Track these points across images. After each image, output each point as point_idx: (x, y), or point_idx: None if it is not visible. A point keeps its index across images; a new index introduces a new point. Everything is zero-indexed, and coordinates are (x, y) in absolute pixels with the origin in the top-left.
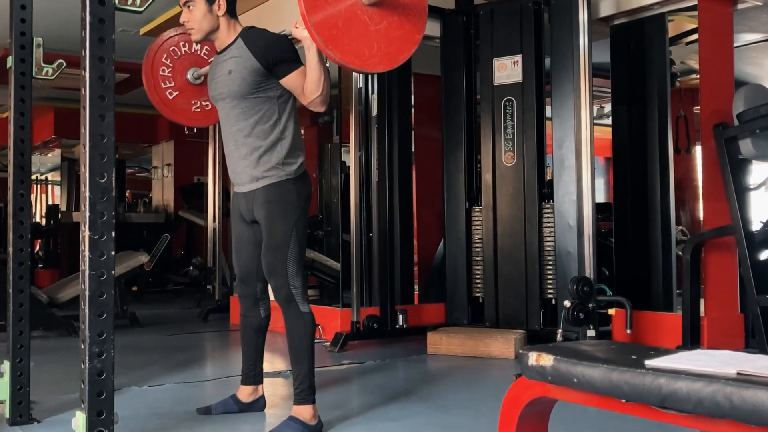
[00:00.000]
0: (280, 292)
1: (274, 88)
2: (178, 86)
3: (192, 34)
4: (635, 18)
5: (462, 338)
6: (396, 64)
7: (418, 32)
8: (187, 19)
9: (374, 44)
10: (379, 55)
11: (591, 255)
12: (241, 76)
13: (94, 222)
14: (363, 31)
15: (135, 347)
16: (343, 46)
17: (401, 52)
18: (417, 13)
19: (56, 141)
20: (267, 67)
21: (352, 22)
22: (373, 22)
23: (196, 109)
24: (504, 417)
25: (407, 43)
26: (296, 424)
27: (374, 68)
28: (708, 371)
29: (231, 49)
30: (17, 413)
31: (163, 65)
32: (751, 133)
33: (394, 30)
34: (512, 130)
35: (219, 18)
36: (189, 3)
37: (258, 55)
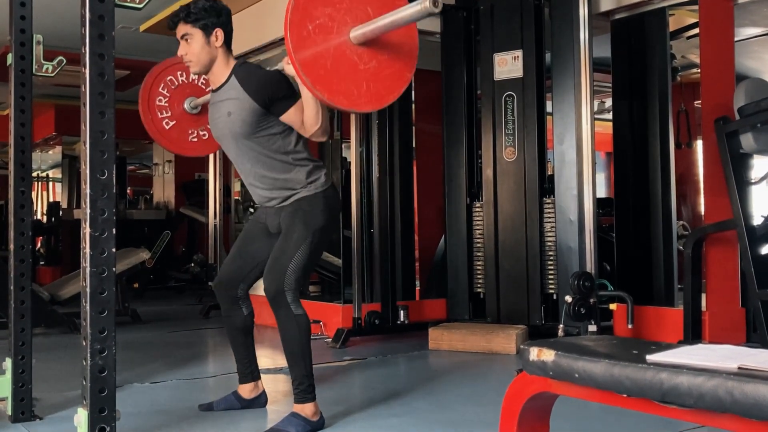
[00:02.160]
0: (269, 289)
1: (276, 125)
2: (175, 116)
3: (191, 67)
4: (636, 12)
5: (463, 334)
6: (386, 103)
7: (409, 71)
8: (185, 51)
9: (363, 84)
10: (368, 94)
11: (592, 250)
12: (241, 118)
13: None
14: (352, 70)
15: (136, 344)
16: (332, 86)
17: (391, 91)
18: (407, 52)
19: (57, 138)
20: (264, 106)
21: (341, 62)
22: (363, 62)
23: (193, 138)
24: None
25: (397, 81)
26: (298, 420)
27: (363, 108)
28: (709, 366)
29: (226, 88)
30: (19, 410)
31: (160, 95)
32: (752, 127)
33: (384, 69)
34: (513, 125)
35: (217, 50)
36: (186, 36)
37: (254, 96)
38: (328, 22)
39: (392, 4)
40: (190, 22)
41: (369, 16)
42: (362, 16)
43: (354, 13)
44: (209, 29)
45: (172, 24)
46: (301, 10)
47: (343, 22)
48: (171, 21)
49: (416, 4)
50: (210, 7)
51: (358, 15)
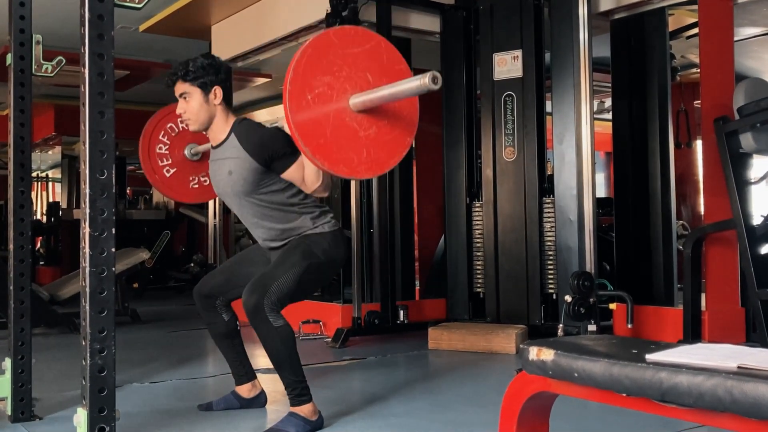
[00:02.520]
0: (248, 302)
1: (278, 181)
2: (175, 163)
3: (189, 125)
4: (635, 12)
5: (463, 333)
6: (386, 169)
7: (409, 135)
8: (183, 110)
9: (364, 150)
10: (368, 161)
11: (592, 250)
12: (243, 177)
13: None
14: (352, 138)
15: (136, 344)
16: (331, 155)
17: (392, 157)
18: (408, 117)
19: (56, 138)
20: (265, 164)
21: (341, 130)
22: (363, 129)
23: (194, 185)
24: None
25: (398, 146)
26: (297, 419)
27: (363, 175)
28: (709, 365)
29: (227, 146)
30: (19, 410)
31: (160, 143)
32: (752, 126)
33: (384, 135)
34: (512, 125)
35: (216, 107)
36: (185, 94)
37: (254, 155)
38: (327, 90)
39: (392, 71)
40: (188, 80)
41: (369, 83)
42: (362, 83)
43: (354, 80)
44: (208, 87)
45: (171, 82)
46: (300, 80)
47: (343, 90)
48: (169, 79)
49: (415, 80)
50: (209, 65)
51: (357, 82)
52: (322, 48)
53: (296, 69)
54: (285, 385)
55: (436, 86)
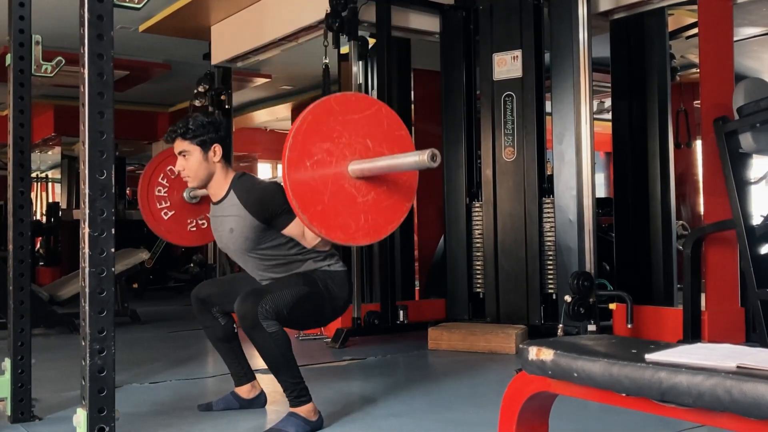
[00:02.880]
0: (240, 310)
1: (279, 237)
2: (173, 206)
3: (188, 183)
4: (635, 12)
5: (463, 333)
6: (384, 235)
7: (408, 201)
8: (183, 167)
9: (361, 216)
10: (366, 227)
11: (591, 250)
12: (244, 235)
13: (93, 219)
14: (350, 204)
15: (136, 344)
16: (329, 221)
17: (389, 223)
18: (406, 183)
19: (56, 138)
20: (265, 222)
21: (339, 196)
22: (361, 194)
23: (192, 228)
24: (505, 411)
25: (396, 213)
26: (297, 419)
27: (360, 242)
28: (708, 365)
29: (227, 203)
30: (19, 411)
31: (159, 185)
32: (752, 126)
33: (382, 200)
34: (512, 125)
35: (215, 164)
36: (184, 152)
37: (254, 213)
38: (327, 157)
39: (392, 137)
40: (188, 138)
41: (369, 149)
42: (362, 149)
43: (353, 146)
44: (207, 145)
45: (170, 139)
46: (299, 147)
47: (342, 156)
48: (169, 137)
49: (414, 156)
50: (208, 123)
51: (357, 148)
52: (323, 115)
53: (296, 136)
54: (283, 388)
55: (434, 164)
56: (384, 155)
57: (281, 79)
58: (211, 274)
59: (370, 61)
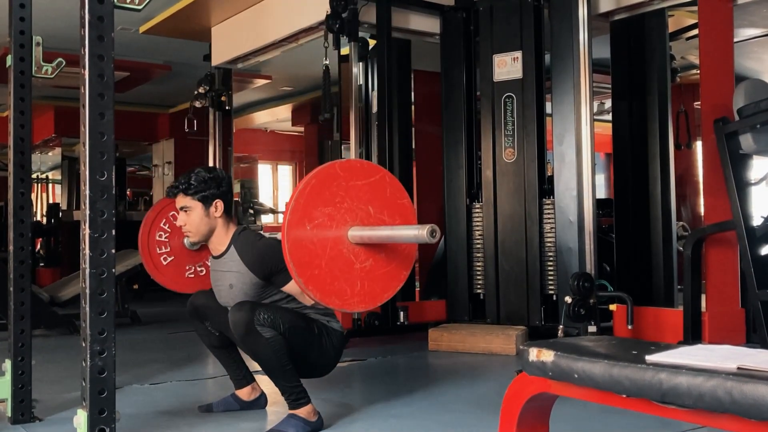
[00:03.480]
0: (235, 318)
1: (279, 293)
2: (173, 252)
3: (189, 238)
4: (635, 13)
5: (463, 335)
6: (379, 303)
7: (405, 269)
8: (184, 222)
9: (358, 283)
10: (361, 293)
11: (592, 251)
12: (243, 291)
13: (94, 220)
14: (347, 269)
15: (136, 345)
16: (325, 287)
17: (385, 291)
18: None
19: (56, 139)
20: (265, 278)
21: (337, 261)
22: (359, 261)
23: (190, 275)
24: (505, 413)
25: (392, 281)
26: (297, 421)
27: (354, 308)
28: (708, 366)
29: (227, 258)
30: (19, 412)
31: (161, 230)
32: (752, 127)
33: (380, 267)
34: (512, 126)
35: (216, 220)
36: (185, 207)
37: (254, 270)
38: (327, 221)
39: (394, 205)
40: (189, 194)
41: (369, 216)
42: (363, 215)
43: (355, 212)
44: (209, 201)
45: (172, 194)
46: (300, 211)
47: (343, 221)
48: (171, 192)
49: (414, 229)
50: (210, 178)
51: (358, 214)
52: (326, 180)
53: (298, 199)
54: (281, 392)
55: (433, 240)
56: (385, 223)
57: (281, 81)
58: None
59: (371, 62)
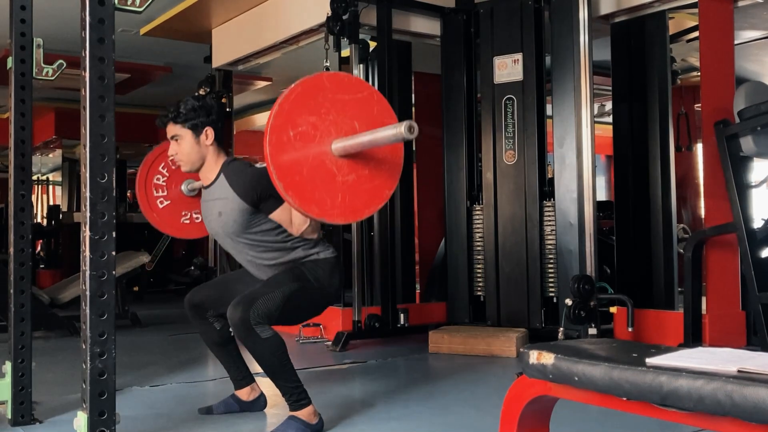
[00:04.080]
0: (233, 316)
1: (267, 222)
2: (170, 196)
3: (181, 166)
4: (636, 16)
5: (463, 337)
6: (360, 218)
7: (389, 188)
8: (175, 151)
9: (339, 195)
10: (342, 206)
11: (592, 253)
12: (232, 218)
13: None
14: (329, 181)
15: (136, 347)
16: (305, 193)
17: (367, 207)
18: (390, 169)
19: (57, 141)
20: (254, 205)
21: (318, 171)
22: (341, 174)
23: (185, 220)
24: (505, 415)
25: (375, 198)
26: (297, 423)
27: (335, 220)
28: (709, 369)
29: (216, 186)
30: (19, 414)
31: (159, 174)
32: (752, 130)
33: (362, 183)
34: (513, 128)
35: (207, 148)
36: (176, 136)
37: (243, 196)
38: (311, 130)
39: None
40: (179, 122)
41: (354, 131)
42: (348, 130)
43: (339, 126)
44: (199, 129)
45: (162, 124)
46: (284, 115)
47: (327, 133)
48: (160, 121)
49: (392, 128)
50: (200, 106)
51: (343, 128)
52: (313, 89)
53: (282, 104)
54: (282, 393)
55: (411, 135)
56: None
57: (282, 82)
58: (211, 276)
59: (371, 64)
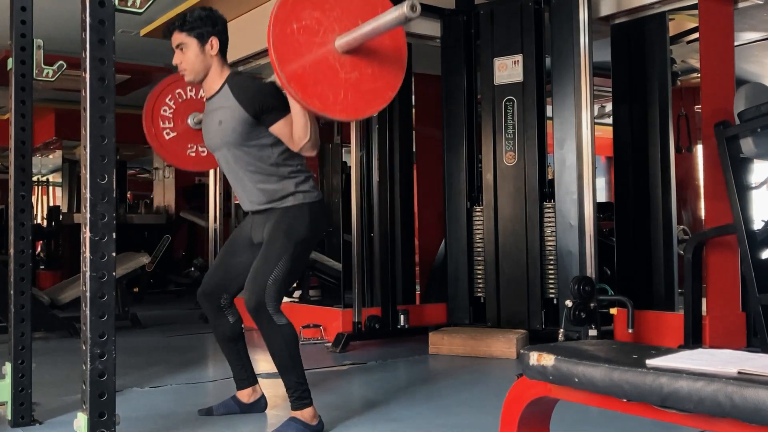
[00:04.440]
0: (250, 300)
1: (267, 136)
2: (176, 128)
3: (185, 75)
4: (636, 17)
5: (463, 338)
6: (361, 116)
7: (392, 90)
8: (180, 60)
9: (341, 92)
10: (344, 103)
11: (592, 254)
12: (232, 127)
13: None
14: (332, 76)
15: (136, 348)
16: (307, 87)
17: (370, 106)
18: (393, 69)
19: (57, 142)
20: (255, 116)
21: (322, 66)
22: (345, 71)
23: (191, 153)
24: (505, 417)
25: (377, 98)
26: (297, 424)
27: (336, 116)
28: (709, 370)
29: (219, 97)
30: (19, 415)
31: (165, 105)
32: (752, 131)
33: (365, 83)
34: (513, 129)
35: (212, 58)
36: (181, 45)
37: (245, 106)
38: (315, 25)
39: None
40: (185, 30)
41: None
42: (351, 26)
43: (344, 22)
44: (204, 38)
45: (168, 33)
46: (289, 7)
47: (331, 29)
48: (166, 29)
49: (394, 10)
50: (206, 16)
51: (347, 25)
52: None
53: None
54: (287, 387)
55: (414, 14)
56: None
57: None
58: None
59: None
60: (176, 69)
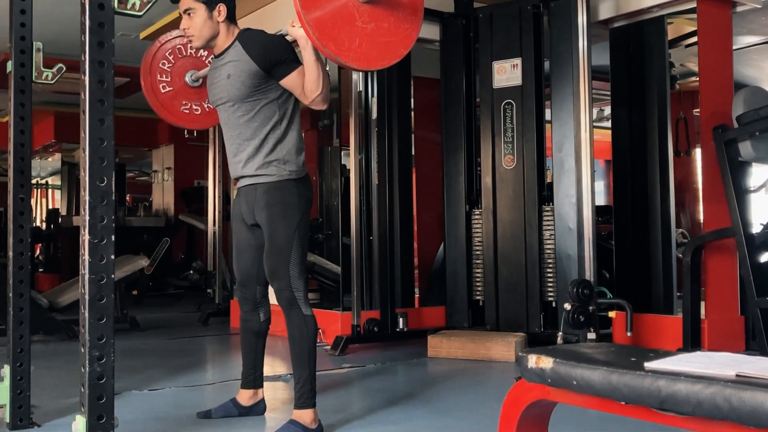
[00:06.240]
0: (282, 295)
1: (274, 90)
2: (173, 83)
3: (192, 41)
4: (634, 21)
5: (462, 341)
6: (371, 67)
7: (404, 47)
8: (187, 26)
9: (356, 39)
10: (358, 51)
11: (591, 258)
12: (240, 80)
13: (94, 226)
14: (349, 22)
15: (135, 351)
16: (325, 29)
17: (381, 59)
18: (408, 29)
19: (56, 145)
20: (266, 69)
21: (341, 11)
22: (362, 20)
23: (185, 109)
24: (504, 419)
25: (390, 53)
26: (296, 427)
27: (349, 62)
28: (707, 373)
29: (229, 52)
30: (17, 417)
31: (164, 59)
32: (751, 135)
33: (380, 35)
34: (512, 133)
35: (219, 24)
36: (189, 10)
37: (256, 58)
38: None
39: None
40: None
41: None
42: None
43: None
44: (212, 4)
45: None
46: None
47: None
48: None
49: None
50: None
51: None
52: None
53: None
54: (296, 381)
55: None
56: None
57: None
58: (210, 280)
59: None
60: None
